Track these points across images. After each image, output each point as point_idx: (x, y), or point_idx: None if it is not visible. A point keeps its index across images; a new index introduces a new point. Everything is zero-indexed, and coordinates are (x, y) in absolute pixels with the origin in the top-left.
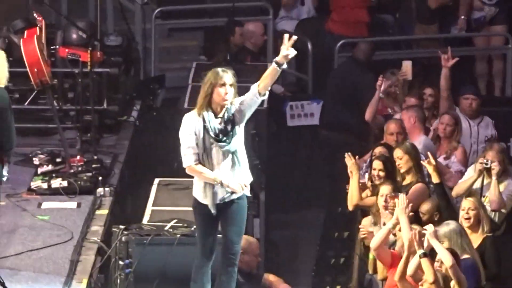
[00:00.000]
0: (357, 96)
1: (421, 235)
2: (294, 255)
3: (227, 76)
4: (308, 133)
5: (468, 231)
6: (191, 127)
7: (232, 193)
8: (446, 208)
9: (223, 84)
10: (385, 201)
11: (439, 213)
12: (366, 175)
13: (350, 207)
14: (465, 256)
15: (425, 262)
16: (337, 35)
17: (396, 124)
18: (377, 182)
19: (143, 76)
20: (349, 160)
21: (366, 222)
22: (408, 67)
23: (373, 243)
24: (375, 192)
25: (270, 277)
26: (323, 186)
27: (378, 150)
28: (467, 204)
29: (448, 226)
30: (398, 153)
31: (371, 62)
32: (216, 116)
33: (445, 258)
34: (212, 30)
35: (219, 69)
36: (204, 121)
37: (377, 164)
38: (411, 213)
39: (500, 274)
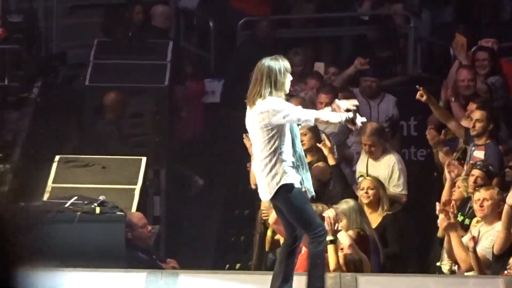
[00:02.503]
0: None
1: (331, 221)
2: (195, 234)
3: None
4: (210, 111)
5: (368, 210)
6: None
7: None
8: (344, 190)
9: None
10: None
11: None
12: None
13: (253, 186)
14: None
15: (330, 249)
16: (240, 13)
17: (297, 102)
18: None
19: (45, 53)
20: (247, 141)
21: (266, 203)
22: (321, 68)
23: (271, 219)
24: None
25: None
26: (225, 164)
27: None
28: (366, 183)
29: (348, 203)
30: (301, 130)
31: (273, 40)
32: None
33: (343, 239)
34: (113, 8)
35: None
36: None
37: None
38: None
39: (401, 253)
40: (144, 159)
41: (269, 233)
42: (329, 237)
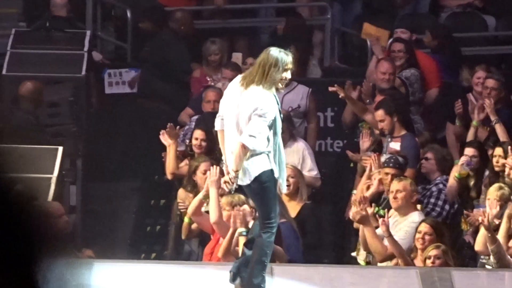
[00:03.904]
0: (172, 66)
1: (245, 213)
2: (112, 224)
3: None
4: (127, 101)
5: (286, 198)
6: None
7: None
8: None
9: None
10: (203, 173)
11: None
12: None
13: (169, 176)
14: (283, 220)
15: (241, 240)
16: (157, 3)
17: (214, 92)
18: (197, 151)
19: None
20: (170, 131)
21: (182, 195)
22: (239, 58)
23: (189, 211)
24: (193, 162)
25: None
26: (142, 154)
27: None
28: (287, 171)
29: None
30: None
31: (190, 31)
32: None
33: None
34: None
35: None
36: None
37: (199, 134)
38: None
39: (318, 243)
40: (60, 148)
41: (186, 220)
42: (241, 229)
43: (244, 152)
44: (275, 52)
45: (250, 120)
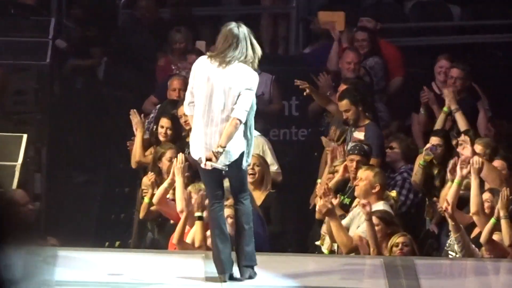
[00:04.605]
0: (136, 54)
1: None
2: (76, 211)
3: None
4: (92, 89)
5: (251, 187)
6: None
7: None
8: None
9: None
10: (169, 160)
11: None
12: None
13: (133, 164)
14: None
15: (197, 225)
16: None
17: (179, 80)
18: (163, 139)
19: None
20: (135, 117)
21: (146, 182)
22: (203, 46)
23: (154, 200)
24: (159, 148)
25: None
26: (106, 143)
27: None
28: (252, 160)
29: None
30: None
31: (154, 19)
32: None
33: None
34: None
35: None
36: None
37: (165, 122)
38: (187, 174)
39: (282, 232)
40: (25, 136)
41: (146, 200)
42: (198, 213)
43: (237, 128)
44: (243, 28)
45: (241, 95)
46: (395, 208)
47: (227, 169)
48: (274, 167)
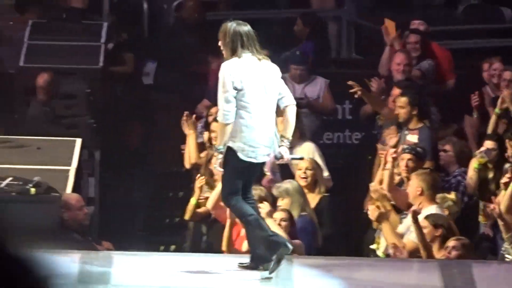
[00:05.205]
0: (183, 57)
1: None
2: (129, 215)
3: None
4: (144, 92)
5: (305, 190)
6: None
7: None
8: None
9: None
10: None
11: None
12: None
13: (188, 166)
14: (303, 213)
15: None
16: None
17: None
18: (215, 143)
19: None
20: (188, 120)
21: (196, 184)
22: None
23: (209, 204)
24: (210, 151)
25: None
26: (160, 146)
27: (215, 109)
28: (304, 164)
29: (291, 183)
30: None
31: (202, 22)
32: None
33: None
34: None
35: None
36: None
37: (215, 126)
38: None
39: (336, 235)
40: (79, 140)
41: (193, 202)
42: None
43: None
44: (245, 23)
45: (281, 84)
46: (454, 210)
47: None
48: (325, 174)
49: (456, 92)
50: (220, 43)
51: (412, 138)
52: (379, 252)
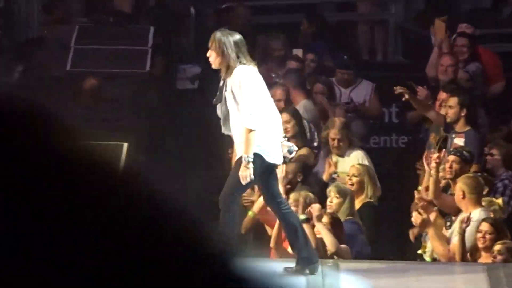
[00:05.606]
0: None
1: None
2: None
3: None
4: (191, 96)
5: None
6: None
7: None
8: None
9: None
10: None
11: (302, 174)
12: None
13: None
14: (349, 217)
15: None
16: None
17: (282, 91)
18: None
19: (24, 38)
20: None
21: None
22: (300, 53)
23: (255, 208)
24: None
25: None
26: (208, 150)
27: None
28: (352, 170)
29: (346, 186)
30: (285, 117)
31: (249, 26)
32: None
33: (329, 242)
34: None
35: None
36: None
37: None
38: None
39: (384, 238)
40: (125, 144)
41: (250, 214)
42: (302, 216)
43: None
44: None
45: None
46: (499, 215)
47: None
48: (376, 182)
49: (505, 96)
50: (213, 51)
51: (459, 141)
52: (426, 257)
